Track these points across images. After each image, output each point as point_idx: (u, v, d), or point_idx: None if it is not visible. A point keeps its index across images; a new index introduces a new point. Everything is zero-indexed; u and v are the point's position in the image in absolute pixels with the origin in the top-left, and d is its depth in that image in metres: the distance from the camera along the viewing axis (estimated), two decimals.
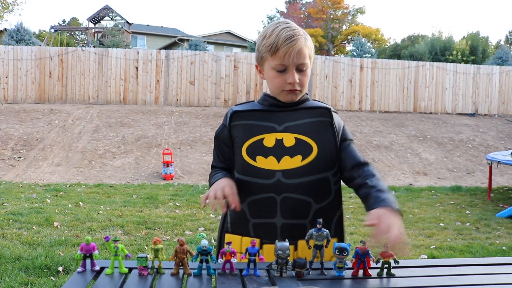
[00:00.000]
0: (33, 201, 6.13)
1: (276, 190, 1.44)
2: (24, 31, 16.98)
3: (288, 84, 1.47)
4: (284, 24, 1.49)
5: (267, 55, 1.48)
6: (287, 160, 1.46)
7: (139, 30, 35.49)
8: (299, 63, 1.46)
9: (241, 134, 1.51)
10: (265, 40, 1.48)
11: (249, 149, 1.49)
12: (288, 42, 1.43)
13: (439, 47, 22.38)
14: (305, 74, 1.50)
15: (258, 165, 1.47)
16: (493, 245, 4.69)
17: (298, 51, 1.44)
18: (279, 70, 1.47)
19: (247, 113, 1.54)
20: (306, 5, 42.34)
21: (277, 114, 1.52)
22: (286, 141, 1.47)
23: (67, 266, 3.58)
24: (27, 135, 10.43)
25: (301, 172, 1.46)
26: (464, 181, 9.21)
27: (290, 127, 1.49)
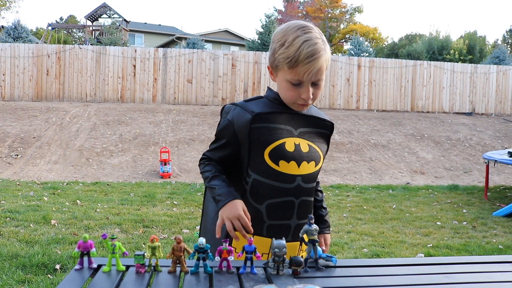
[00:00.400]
0: (30, 199, 6.12)
1: (296, 194, 1.50)
2: (21, 28, 16.94)
3: (301, 99, 1.46)
4: (306, 33, 1.40)
5: (284, 66, 1.43)
6: (305, 166, 1.51)
7: (137, 28, 35.43)
8: (316, 79, 1.44)
9: (264, 137, 1.48)
10: (283, 49, 1.41)
11: (272, 153, 1.48)
12: (309, 60, 1.38)
13: (436, 46, 22.41)
14: (319, 88, 1.48)
15: (281, 170, 1.48)
16: (489, 244, 4.71)
17: (315, 69, 1.40)
18: (294, 84, 1.44)
19: (269, 115, 1.50)
20: (304, 4, 42.33)
21: (292, 117, 1.53)
22: (302, 147, 1.51)
23: (64, 264, 3.58)
24: (24, 133, 10.41)
25: (314, 177, 1.56)
26: (461, 180, 9.23)
27: (304, 133, 1.53)
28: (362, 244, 4.62)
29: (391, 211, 6.28)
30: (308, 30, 1.42)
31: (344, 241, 4.67)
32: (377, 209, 6.38)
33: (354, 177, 9.05)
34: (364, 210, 6.29)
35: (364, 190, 7.86)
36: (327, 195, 7.31)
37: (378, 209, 6.35)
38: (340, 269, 1.27)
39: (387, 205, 6.63)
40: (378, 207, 6.48)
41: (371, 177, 9.15)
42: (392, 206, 6.56)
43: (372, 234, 5.01)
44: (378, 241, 4.73)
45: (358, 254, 4.28)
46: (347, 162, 9.93)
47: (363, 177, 9.09)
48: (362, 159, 10.21)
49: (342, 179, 8.85)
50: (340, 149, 10.74)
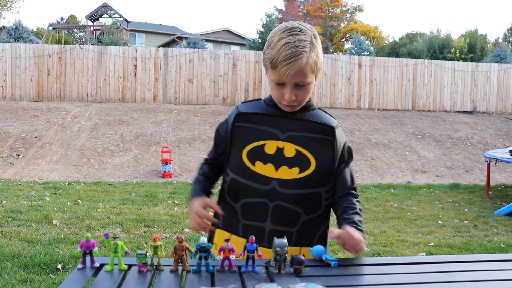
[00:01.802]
0: (32, 198, 6.13)
1: (270, 197, 1.48)
2: (22, 28, 16.95)
3: (285, 100, 1.45)
4: (291, 35, 1.40)
5: (269, 66, 1.45)
6: (285, 170, 1.48)
7: (138, 28, 35.44)
8: (297, 81, 1.41)
9: (244, 136, 1.51)
10: (269, 50, 1.44)
11: (249, 153, 1.50)
12: (287, 62, 1.37)
13: (437, 45, 22.39)
14: (305, 90, 1.45)
15: (256, 170, 1.49)
16: (491, 243, 4.71)
17: (297, 72, 1.39)
18: (278, 84, 1.44)
19: (252, 116, 1.52)
20: (304, 3, 42.30)
21: (282, 120, 1.51)
22: (286, 151, 1.48)
23: (66, 264, 3.59)
24: (26, 133, 10.42)
25: (296, 184, 1.49)
26: (462, 178, 9.23)
27: (293, 137, 1.49)
28: None
29: (393, 210, 6.28)
30: (295, 32, 1.41)
31: None
32: (379, 208, 6.38)
33: (355, 176, 9.03)
34: (366, 209, 6.29)
35: (365, 189, 7.86)
36: None
37: (380, 208, 6.35)
38: (342, 268, 1.27)
39: (388, 204, 6.63)
40: (380, 206, 6.48)
41: (372, 176, 9.15)
42: (393, 205, 6.56)
43: (374, 233, 5.01)
44: (380, 240, 4.73)
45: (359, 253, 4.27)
46: None
47: (364, 176, 9.09)
48: (363, 158, 10.21)
49: None
50: None
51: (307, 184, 1.49)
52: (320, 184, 1.52)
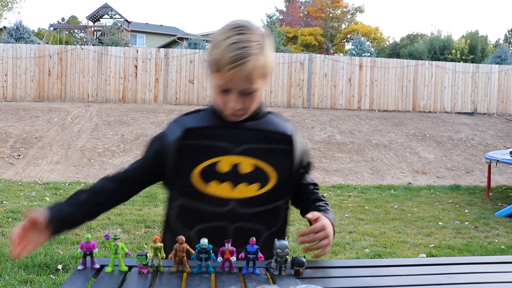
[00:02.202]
0: (32, 199, 6.13)
1: (229, 219, 1.33)
2: (23, 29, 16.96)
3: (229, 108, 1.29)
4: (238, 35, 1.22)
5: (212, 69, 1.27)
6: (244, 188, 1.34)
7: (138, 29, 35.47)
8: (242, 88, 1.25)
9: (193, 155, 1.33)
10: (212, 51, 1.25)
11: (202, 173, 1.32)
12: (233, 66, 1.20)
13: (438, 46, 22.39)
14: (251, 98, 1.29)
15: (211, 192, 1.33)
16: (492, 244, 4.70)
17: (244, 77, 1.23)
18: (222, 90, 1.27)
19: (201, 130, 1.34)
20: (305, 4, 42.33)
21: (234, 131, 1.34)
22: (243, 166, 1.33)
23: (66, 264, 3.59)
24: (26, 133, 10.43)
25: (257, 201, 1.36)
26: (463, 180, 9.22)
27: (249, 150, 1.34)
28: (364, 244, 4.62)
29: (393, 211, 6.28)
30: (242, 31, 1.23)
31: (346, 241, 4.67)
32: (379, 209, 6.38)
33: (356, 177, 9.05)
34: (366, 210, 6.28)
35: (365, 190, 7.86)
36: (329, 195, 7.30)
37: (380, 209, 6.35)
38: (343, 270, 1.27)
39: (388, 205, 6.62)
40: (380, 207, 6.47)
41: (372, 177, 9.15)
42: (394, 206, 6.56)
43: (374, 234, 5.01)
44: (380, 241, 4.73)
45: (360, 255, 4.28)
46: (348, 162, 9.92)
47: (364, 177, 9.08)
48: (364, 159, 10.20)
49: (343, 179, 8.84)
50: (342, 149, 10.74)
51: (268, 200, 1.38)
52: (281, 197, 1.42)
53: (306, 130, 11.87)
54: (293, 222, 5.43)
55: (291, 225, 5.23)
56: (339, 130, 12.08)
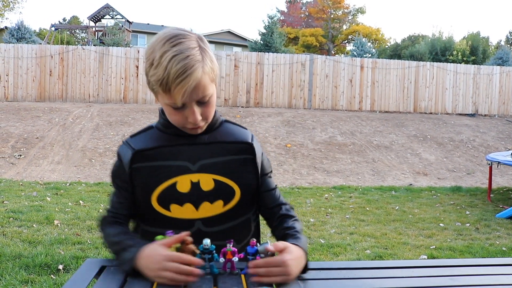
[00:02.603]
0: (33, 199, 6.13)
1: (196, 240, 1.17)
2: (24, 29, 17.00)
3: (189, 123, 1.21)
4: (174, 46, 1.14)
5: (158, 89, 1.18)
6: (207, 207, 1.27)
7: (140, 29, 35.49)
8: (198, 98, 1.18)
9: (148, 179, 1.25)
10: (153, 70, 1.16)
11: (160, 197, 1.25)
12: (180, 80, 1.12)
13: (439, 47, 22.38)
14: (208, 105, 1.22)
15: (173, 215, 1.26)
16: (493, 246, 4.70)
17: (195, 87, 1.15)
18: (176, 108, 1.19)
19: (153, 151, 1.26)
20: (306, 5, 42.34)
21: (189, 148, 1.27)
22: (203, 184, 1.26)
23: (67, 265, 3.59)
24: (28, 133, 10.43)
25: (223, 218, 1.30)
26: (464, 181, 9.21)
27: (207, 166, 1.27)
28: (365, 245, 4.61)
29: (394, 212, 6.27)
30: (178, 40, 1.15)
31: (346, 243, 4.66)
32: (380, 210, 6.37)
33: (357, 178, 9.04)
34: (367, 211, 6.28)
35: (366, 191, 7.85)
36: (330, 196, 7.30)
37: (381, 211, 6.34)
38: (345, 271, 1.27)
39: (389, 207, 6.62)
40: (381, 209, 6.47)
41: (373, 178, 9.14)
42: (394, 208, 6.55)
43: (375, 236, 5.00)
44: (381, 243, 4.72)
45: (361, 256, 4.27)
46: (349, 163, 9.91)
47: (365, 178, 9.08)
48: (365, 160, 10.20)
49: (344, 180, 8.83)
50: (343, 150, 10.73)
51: (235, 215, 1.32)
52: (248, 210, 1.36)
53: (307, 131, 11.86)
54: None
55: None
56: (340, 131, 12.07)
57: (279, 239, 1.32)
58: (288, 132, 11.61)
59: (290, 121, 12.49)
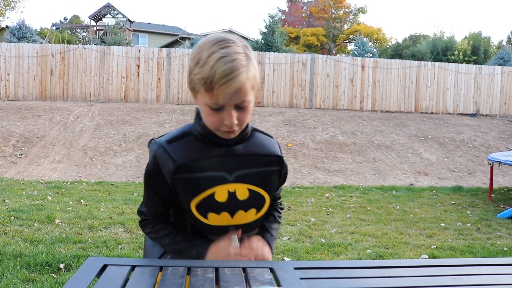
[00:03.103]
0: (34, 198, 6.14)
1: None
2: (25, 28, 17.01)
3: (225, 125, 1.24)
4: (223, 48, 1.19)
5: (201, 89, 1.21)
6: (241, 215, 1.35)
7: (141, 28, 35.49)
8: (238, 102, 1.21)
9: (188, 189, 1.31)
10: (198, 69, 1.20)
11: (199, 206, 1.32)
12: (225, 80, 1.16)
13: (440, 47, 22.36)
14: (246, 111, 1.25)
15: (210, 223, 1.34)
16: (494, 246, 4.69)
17: (237, 90, 1.19)
18: (214, 109, 1.22)
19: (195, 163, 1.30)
20: (307, 4, 42.32)
21: (226, 159, 1.32)
22: (239, 194, 1.33)
23: (68, 263, 3.59)
24: (29, 132, 10.44)
25: (254, 225, 1.41)
26: (465, 181, 9.21)
27: (243, 176, 1.33)
28: (366, 245, 4.61)
29: (395, 212, 6.27)
30: (226, 44, 1.20)
31: (347, 242, 4.66)
32: (381, 210, 6.37)
33: (358, 178, 9.04)
34: (368, 211, 6.27)
35: (367, 191, 7.85)
36: (331, 196, 7.30)
37: (382, 210, 6.34)
38: (346, 270, 1.26)
39: (390, 206, 6.61)
40: (382, 208, 6.47)
41: (374, 178, 9.14)
42: (395, 207, 6.55)
43: (376, 235, 5.00)
44: (382, 242, 4.72)
45: (361, 255, 4.27)
46: (350, 163, 9.91)
47: (366, 178, 9.08)
48: (366, 159, 10.19)
49: (345, 180, 8.83)
50: (344, 149, 10.73)
51: (261, 221, 1.44)
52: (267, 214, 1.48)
53: (308, 130, 11.86)
54: (294, 222, 5.43)
55: (293, 226, 5.23)
56: (341, 130, 12.07)
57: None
58: (289, 132, 11.61)
59: (291, 121, 12.49)
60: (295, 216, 5.72)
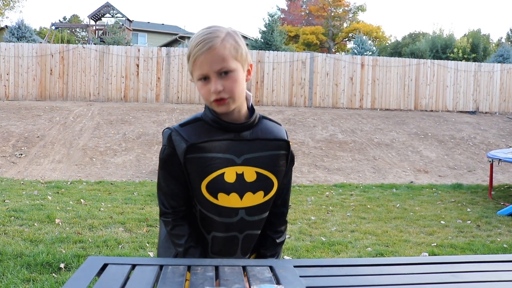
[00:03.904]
0: (35, 198, 6.14)
1: (239, 228, 1.41)
2: (25, 28, 17.00)
3: (213, 94, 1.31)
4: (202, 30, 1.33)
5: (190, 66, 1.35)
6: (250, 197, 1.40)
7: (140, 28, 35.45)
8: (218, 68, 1.30)
9: (199, 168, 1.36)
10: (187, 52, 1.35)
11: (209, 185, 1.37)
12: (201, 47, 1.28)
13: (440, 45, 22.35)
14: (231, 79, 1.32)
15: (220, 203, 1.38)
16: (494, 243, 4.70)
17: (212, 55, 1.28)
18: (202, 79, 1.33)
19: (204, 144, 1.36)
20: (307, 3, 42.27)
21: (234, 143, 1.38)
22: (247, 176, 1.38)
23: (68, 263, 3.59)
24: (28, 132, 10.44)
25: (262, 208, 1.44)
26: (465, 179, 9.21)
27: (250, 159, 1.38)
28: (366, 243, 4.61)
29: (395, 210, 6.27)
30: (211, 26, 1.35)
31: (348, 240, 4.66)
32: (381, 208, 6.37)
33: (358, 176, 9.04)
34: (368, 209, 6.28)
35: (367, 189, 7.85)
36: (331, 194, 7.30)
37: (382, 208, 6.34)
38: (347, 268, 1.27)
39: (390, 204, 6.62)
40: (382, 206, 6.47)
41: (374, 176, 9.14)
42: (395, 205, 6.55)
43: (376, 233, 5.01)
44: (382, 240, 4.73)
45: (362, 253, 4.27)
46: (350, 161, 9.91)
47: (366, 176, 9.08)
48: (366, 158, 10.19)
49: (345, 178, 8.83)
50: (344, 148, 10.73)
51: (270, 205, 1.47)
52: (276, 200, 1.50)
53: (308, 129, 11.86)
54: (294, 220, 5.43)
55: (293, 224, 5.23)
56: (341, 129, 12.07)
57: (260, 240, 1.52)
58: (289, 130, 11.59)
59: (291, 119, 12.49)
60: (295, 215, 5.72)
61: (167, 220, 1.43)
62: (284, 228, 1.57)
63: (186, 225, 1.42)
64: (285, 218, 1.57)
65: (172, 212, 1.42)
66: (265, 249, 1.53)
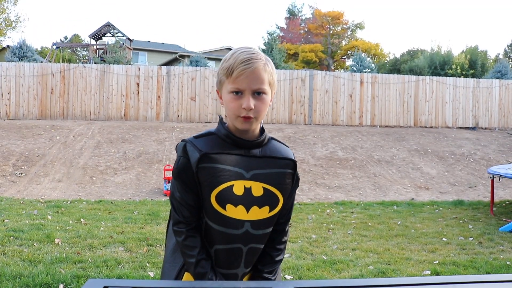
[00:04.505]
0: (34, 217, 6.11)
1: (244, 240, 1.45)
2: (26, 47, 17.12)
3: (243, 110, 1.38)
4: (245, 48, 1.42)
5: (224, 78, 1.41)
6: (256, 211, 1.45)
7: (140, 47, 35.75)
8: (255, 87, 1.39)
9: (210, 178, 1.42)
10: (224, 64, 1.42)
11: (218, 196, 1.42)
12: (244, 64, 1.37)
13: (438, 61, 22.51)
14: (262, 101, 1.41)
15: (228, 214, 1.42)
16: (497, 260, 4.66)
17: (254, 75, 1.38)
18: (235, 93, 1.39)
19: (216, 155, 1.43)
20: (305, 21, 42.71)
21: (244, 159, 1.44)
22: (254, 190, 1.44)
23: (68, 284, 3.56)
24: (29, 151, 10.44)
25: (267, 223, 1.48)
26: (466, 195, 9.18)
27: (258, 175, 1.45)
28: (368, 261, 4.58)
29: (396, 227, 6.24)
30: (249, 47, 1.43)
31: (349, 258, 4.63)
32: (382, 225, 6.34)
33: (359, 194, 9.01)
34: (369, 226, 6.24)
35: (368, 206, 7.82)
36: (331, 212, 7.27)
37: (383, 226, 6.31)
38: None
39: (392, 222, 6.58)
40: (383, 224, 6.43)
41: (375, 193, 9.11)
42: (397, 223, 6.52)
43: (378, 251, 4.97)
44: (384, 258, 4.69)
45: (363, 272, 4.23)
46: (351, 179, 9.89)
47: (367, 193, 9.05)
48: (366, 175, 10.18)
49: (346, 196, 8.81)
50: (344, 165, 10.72)
51: (274, 221, 1.51)
52: (280, 217, 1.55)
53: (308, 146, 11.87)
54: (295, 239, 5.39)
55: (294, 243, 5.20)
56: (341, 146, 12.07)
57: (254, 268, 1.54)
58: None
59: (291, 137, 12.50)
60: (296, 233, 5.69)
61: (180, 230, 1.46)
62: (284, 247, 1.60)
63: (198, 237, 1.46)
64: (286, 234, 1.60)
65: (185, 222, 1.46)
66: (262, 265, 1.54)
